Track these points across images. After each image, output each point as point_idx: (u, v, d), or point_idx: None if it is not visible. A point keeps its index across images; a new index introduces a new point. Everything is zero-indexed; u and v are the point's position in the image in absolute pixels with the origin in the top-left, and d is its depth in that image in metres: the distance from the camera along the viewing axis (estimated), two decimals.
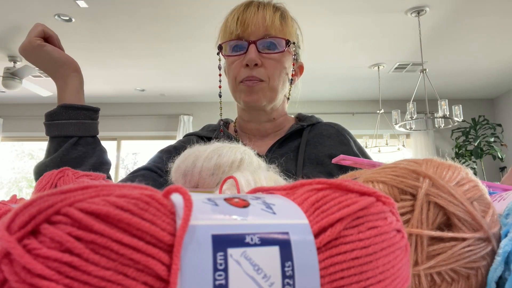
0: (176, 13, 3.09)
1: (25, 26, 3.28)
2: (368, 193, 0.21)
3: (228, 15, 0.80)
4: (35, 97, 5.04)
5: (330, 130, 0.86)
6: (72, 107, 0.68)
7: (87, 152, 0.67)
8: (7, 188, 5.93)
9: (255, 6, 0.78)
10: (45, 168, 0.63)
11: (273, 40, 0.76)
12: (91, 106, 0.71)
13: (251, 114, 0.84)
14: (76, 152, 0.66)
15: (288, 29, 0.79)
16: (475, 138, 4.76)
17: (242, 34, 0.76)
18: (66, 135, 0.67)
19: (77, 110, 0.69)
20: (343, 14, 3.11)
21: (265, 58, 0.76)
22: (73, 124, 0.67)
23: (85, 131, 0.68)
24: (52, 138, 0.68)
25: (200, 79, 4.51)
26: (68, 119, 0.67)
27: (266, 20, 0.76)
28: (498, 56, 3.97)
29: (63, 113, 0.68)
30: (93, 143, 0.69)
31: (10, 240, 0.15)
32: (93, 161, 0.68)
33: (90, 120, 0.70)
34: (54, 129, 0.68)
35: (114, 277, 0.15)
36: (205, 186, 0.47)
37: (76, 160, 0.66)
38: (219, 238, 0.17)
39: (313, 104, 5.34)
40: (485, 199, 0.30)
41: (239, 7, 0.79)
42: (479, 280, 0.28)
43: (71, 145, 0.67)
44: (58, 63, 0.70)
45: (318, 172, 0.76)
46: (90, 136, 0.69)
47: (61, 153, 0.65)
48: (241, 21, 0.76)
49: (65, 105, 0.68)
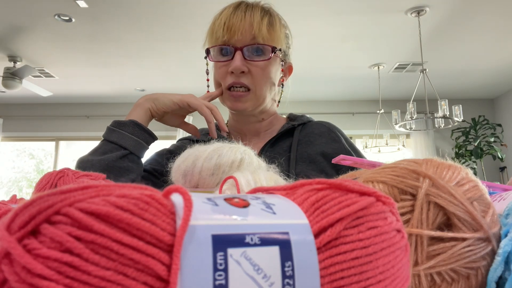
0: (176, 13, 3.09)
1: (25, 26, 3.28)
2: (368, 193, 0.21)
3: (216, 17, 0.79)
4: (35, 97, 5.04)
5: (321, 128, 0.86)
6: (140, 126, 0.74)
7: (131, 167, 0.71)
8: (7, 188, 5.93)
9: (243, 11, 0.77)
10: (91, 167, 0.67)
11: (259, 47, 0.76)
12: (153, 133, 0.76)
13: (239, 117, 0.86)
14: (123, 163, 0.70)
15: (276, 35, 0.78)
16: (475, 138, 4.76)
17: (229, 40, 0.76)
18: (121, 145, 0.71)
19: (142, 131, 0.74)
20: (343, 14, 3.11)
21: (251, 65, 0.76)
22: (133, 140, 0.72)
23: (138, 150, 0.73)
24: (107, 142, 0.72)
25: (200, 79, 4.49)
26: (131, 134, 0.72)
27: (254, 27, 0.75)
28: (498, 56, 3.97)
29: (130, 127, 0.73)
30: (137, 163, 0.73)
31: (10, 240, 0.15)
32: (133, 176, 0.72)
33: (145, 143, 0.74)
34: (115, 135, 0.72)
35: (114, 277, 0.15)
36: (205, 186, 0.47)
37: (120, 170, 0.69)
38: (219, 238, 0.17)
39: (313, 104, 5.34)
40: (485, 199, 0.30)
41: (227, 9, 0.78)
42: (479, 280, 0.28)
43: (122, 155, 0.70)
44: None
45: (310, 170, 0.76)
46: (137, 156, 0.74)
47: (111, 159, 0.69)
48: (227, 26, 0.75)
49: (135, 122, 0.73)
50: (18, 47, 3.70)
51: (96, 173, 0.50)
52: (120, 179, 0.68)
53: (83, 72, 4.36)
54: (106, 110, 5.40)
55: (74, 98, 5.32)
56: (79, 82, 4.67)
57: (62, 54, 3.87)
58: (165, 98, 0.75)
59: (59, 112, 5.46)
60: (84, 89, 4.94)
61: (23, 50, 3.77)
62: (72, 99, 5.36)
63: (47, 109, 5.47)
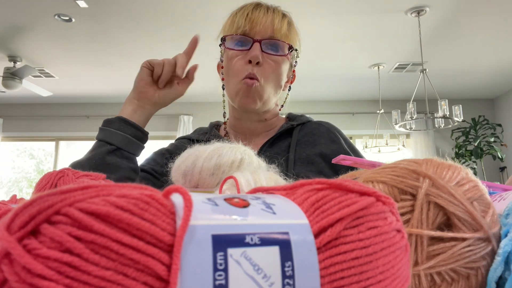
0: (175, 13, 3.09)
1: (25, 26, 3.28)
2: (368, 193, 0.21)
3: (237, 10, 0.81)
4: (35, 97, 5.04)
5: (320, 128, 0.86)
6: (125, 121, 0.73)
7: (121, 163, 0.70)
8: (7, 188, 5.93)
9: (265, 8, 0.80)
10: (81, 167, 0.67)
11: (277, 42, 0.78)
12: (141, 128, 0.75)
13: (242, 113, 0.85)
14: (111, 159, 0.70)
15: (293, 37, 0.82)
16: (475, 138, 4.76)
17: (249, 31, 0.77)
18: (108, 142, 0.71)
19: (128, 125, 0.73)
20: (343, 14, 3.11)
21: (265, 59, 0.77)
22: (118, 135, 0.71)
23: (126, 145, 0.72)
24: (98, 141, 0.72)
25: (200, 79, 4.50)
26: (117, 129, 0.72)
27: (275, 23, 0.78)
28: (498, 56, 3.97)
29: (116, 123, 0.72)
30: (128, 158, 0.72)
31: (10, 240, 0.15)
32: (124, 173, 0.71)
33: (135, 138, 0.73)
34: (103, 133, 0.72)
35: (114, 277, 0.15)
36: (205, 186, 0.47)
37: (109, 166, 0.69)
38: (219, 238, 0.17)
39: (313, 104, 5.34)
40: (485, 199, 0.30)
41: (249, 5, 0.81)
42: (479, 280, 0.28)
43: (108, 151, 0.70)
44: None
45: (309, 171, 0.76)
46: (128, 152, 0.73)
47: (98, 156, 0.69)
48: (250, 18, 0.77)
49: (121, 118, 0.73)
50: (18, 47, 3.70)
51: (96, 173, 0.50)
52: (110, 176, 0.66)
53: (83, 72, 4.36)
54: (106, 110, 5.40)
55: (74, 98, 5.32)
56: (79, 82, 4.67)
57: (62, 54, 3.87)
58: (137, 75, 0.75)
59: (59, 112, 5.46)
60: (84, 89, 4.94)
61: (23, 50, 3.78)
62: (72, 99, 5.36)
63: (47, 109, 5.47)
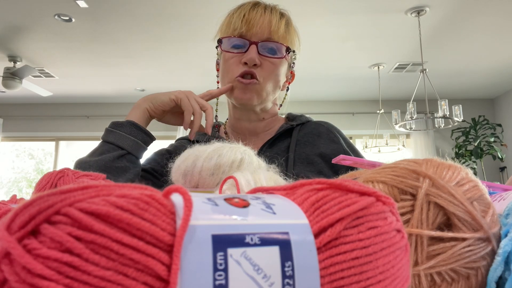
0: (176, 14, 3.09)
1: (25, 26, 3.28)
2: (368, 193, 0.21)
3: (233, 10, 0.80)
4: (35, 97, 5.04)
5: (319, 128, 0.86)
6: (137, 126, 0.74)
7: (129, 167, 0.71)
8: (7, 188, 5.93)
9: (262, 8, 0.78)
10: (88, 168, 0.67)
11: (274, 44, 0.77)
12: (150, 133, 0.76)
13: (241, 113, 0.85)
14: (120, 163, 0.70)
15: (291, 38, 0.80)
16: (475, 138, 4.75)
17: (246, 33, 0.76)
18: (119, 146, 0.71)
19: (139, 131, 0.74)
20: (343, 14, 3.11)
21: (263, 60, 0.77)
22: (130, 140, 0.72)
23: (135, 150, 0.73)
24: (105, 143, 0.72)
25: (200, 79, 4.51)
26: (129, 134, 0.72)
27: (272, 24, 0.76)
28: (498, 56, 3.97)
29: (128, 127, 0.73)
30: (135, 163, 0.73)
31: (10, 240, 0.15)
32: (131, 176, 0.72)
33: (143, 143, 0.74)
34: (113, 136, 0.72)
35: (114, 277, 0.15)
36: (205, 186, 0.47)
37: (118, 170, 0.69)
38: (219, 238, 0.17)
39: (313, 104, 5.34)
40: (485, 199, 0.30)
41: (246, 5, 0.79)
42: (479, 280, 0.28)
43: (119, 155, 0.70)
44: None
45: (308, 171, 0.76)
46: (136, 157, 0.74)
47: (108, 159, 0.69)
48: (246, 19, 0.76)
49: (132, 122, 0.74)
50: (18, 47, 3.70)
51: (96, 173, 0.50)
52: (118, 179, 0.68)
53: (83, 72, 4.36)
54: (106, 110, 5.40)
55: (74, 98, 5.32)
56: (79, 82, 4.67)
57: (62, 54, 3.87)
58: (162, 96, 0.76)
59: (59, 112, 5.46)
60: (84, 89, 4.94)
61: (23, 50, 3.77)
62: (72, 99, 5.36)
63: (47, 109, 5.47)
